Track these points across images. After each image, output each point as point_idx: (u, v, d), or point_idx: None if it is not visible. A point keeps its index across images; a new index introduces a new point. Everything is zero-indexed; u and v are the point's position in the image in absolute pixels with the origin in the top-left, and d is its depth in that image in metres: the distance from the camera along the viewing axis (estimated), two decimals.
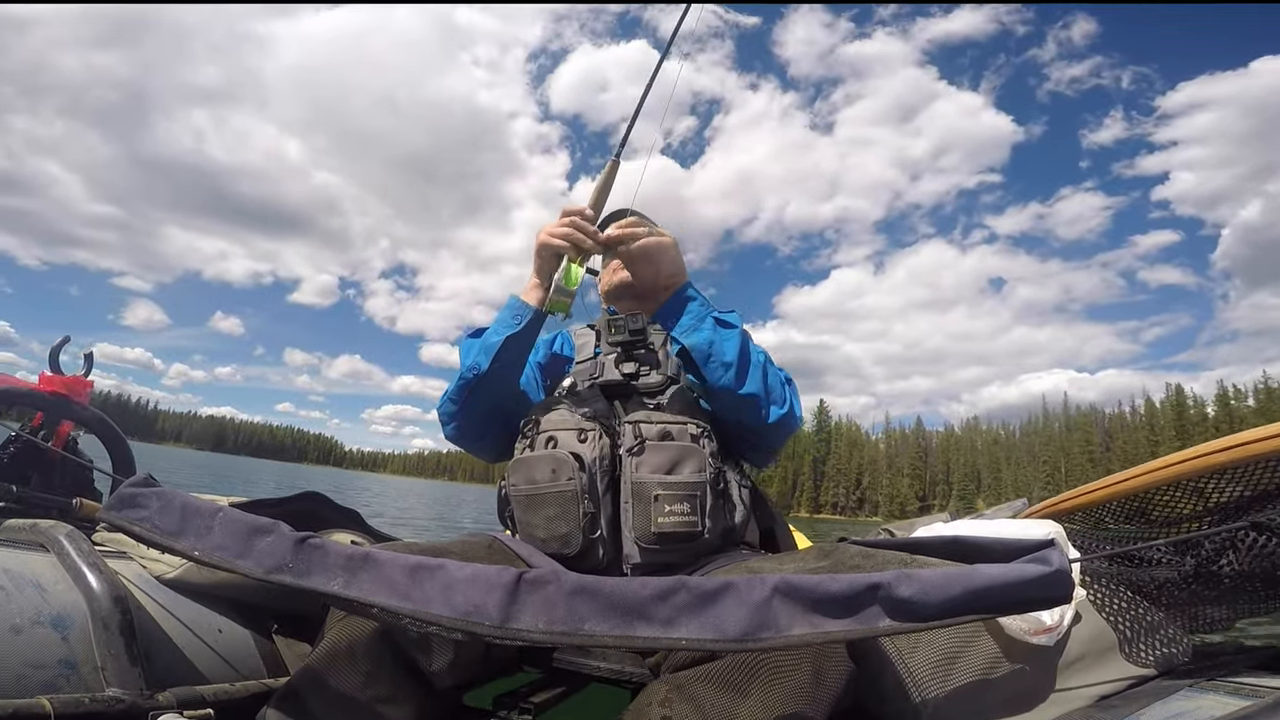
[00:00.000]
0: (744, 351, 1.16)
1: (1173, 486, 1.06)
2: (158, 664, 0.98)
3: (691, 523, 1.04)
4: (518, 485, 1.11)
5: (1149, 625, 1.00)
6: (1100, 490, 1.14)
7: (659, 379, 1.32)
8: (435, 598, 0.63)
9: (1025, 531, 1.02)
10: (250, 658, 1.13)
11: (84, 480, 1.96)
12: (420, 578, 0.64)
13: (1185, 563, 1.05)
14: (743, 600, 0.59)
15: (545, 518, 1.06)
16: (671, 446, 1.09)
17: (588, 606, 0.61)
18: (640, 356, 1.35)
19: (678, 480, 1.05)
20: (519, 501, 1.10)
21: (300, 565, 0.67)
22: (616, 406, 1.23)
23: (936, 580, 0.58)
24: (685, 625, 0.59)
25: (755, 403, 1.16)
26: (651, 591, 0.60)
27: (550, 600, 0.61)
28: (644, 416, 1.13)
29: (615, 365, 1.34)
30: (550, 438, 1.12)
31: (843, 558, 0.77)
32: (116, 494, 0.72)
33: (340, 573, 0.66)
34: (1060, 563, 0.58)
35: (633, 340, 1.33)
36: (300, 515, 1.33)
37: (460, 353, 1.28)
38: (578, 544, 1.05)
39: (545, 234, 1.18)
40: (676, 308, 1.18)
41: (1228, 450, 0.95)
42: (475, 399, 1.24)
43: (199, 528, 0.69)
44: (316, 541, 0.67)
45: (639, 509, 1.05)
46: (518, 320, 1.20)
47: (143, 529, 0.70)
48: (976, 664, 0.92)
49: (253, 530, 0.68)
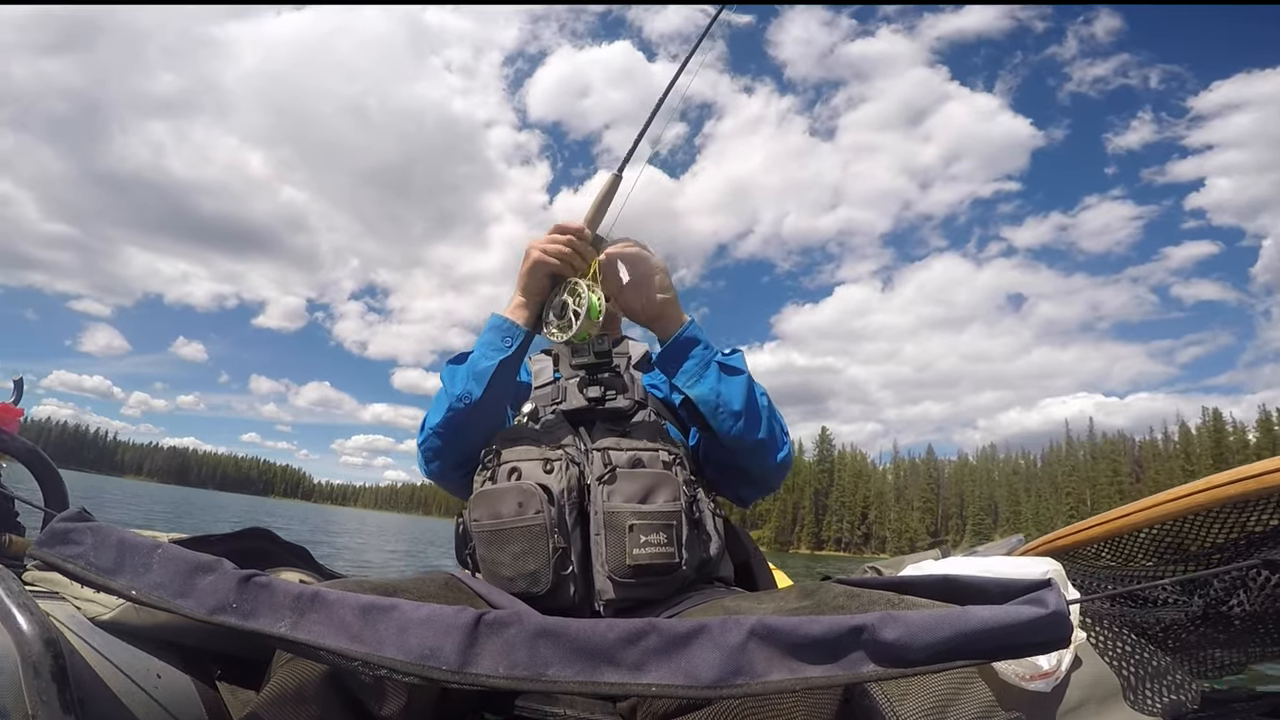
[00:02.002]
0: (750, 398, 1.16)
1: (1177, 522, 1.06)
2: (92, 712, 0.94)
3: (669, 554, 1.02)
4: (480, 520, 1.07)
5: (1154, 670, 0.98)
6: (1099, 526, 1.13)
7: (626, 403, 1.29)
8: (389, 640, 0.61)
9: (1020, 570, 1.01)
10: (191, 705, 1.09)
11: (10, 515, 1.90)
12: (373, 618, 0.62)
13: (1193, 603, 1.04)
14: (717, 643, 0.57)
15: (512, 554, 1.03)
16: (644, 474, 1.07)
17: (552, 650, 0.59)
18: (605, 380, 1.32)
19: (652, 509, 1.03)
20: (482, 537, 1.07)
21: (245, 605, 0.64)
22: (582, 433, 1.20)
23: (925, 622, 0.56)
24: (655, 670, 0.57)
25: (762, 450, 1.17)
26: (619, 634, 0.58)
27: (512, 643, 0.59)
28: (613, 443, 1.11)
29: (579, 390, 1.31)
30: (513, 469, 1.09)
31: (825, 598, 0.75)
32: (48, 529, 0.69)
33: (288, 613, 0.64)
34: (1058, 604, 0.57)
35: (598, 363, 1.29)
36: (245, 552, 1.30)
37: (444, 381, 1.24)
38: (547, 581, 1.02)
39: (538, 251, 1.17)
40: (678, 353, 1.17)
41: (1238, 483, 0.94)
42: (467, 430, 1.20)
43: (136, 565, 0.66)
44: (262, 580, 0.65)
45: (612, 540, 1.02)
46: (508, 343, 1.18)
47: (76, 567, 0.67)
48: (970, 712, 0.90)
49: (194, 568, 0.66)
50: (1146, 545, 1.12)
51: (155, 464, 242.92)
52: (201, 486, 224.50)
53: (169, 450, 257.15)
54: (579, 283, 1.17)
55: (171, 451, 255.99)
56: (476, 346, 1.22)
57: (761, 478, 1.24)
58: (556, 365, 1.44)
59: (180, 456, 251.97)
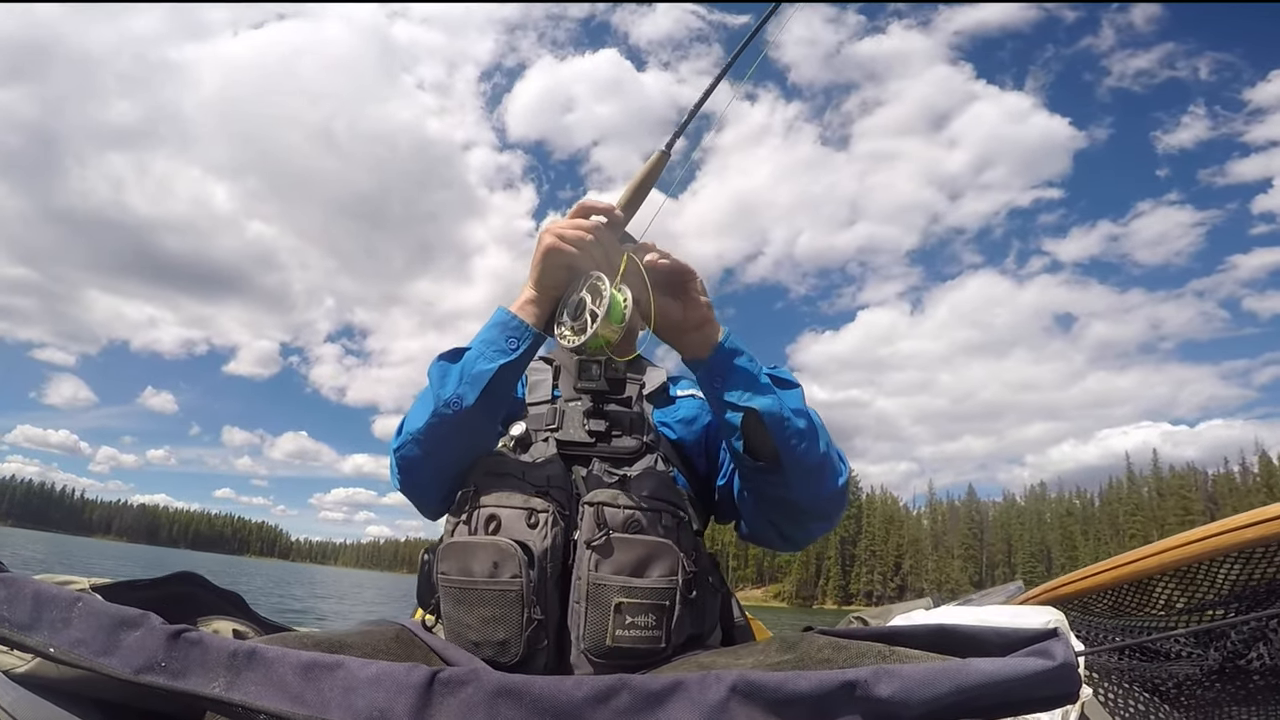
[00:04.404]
0: (809, 412, 1.08)
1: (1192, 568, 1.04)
2: None
3: (654, 638, 0.94)
4: (449, 574, 0.99)
5: None
6: (1107, 572, 1.12)
7: (634, 444, 1.15)
8: (333, 701, 0.58)
9: (1022, 620, 0.98)
10: None
11: None
12: (315, 677, 0.59)
13: (1209, 656, 1.02)
14: (695, 701, 0.55)
15: (481, 618, 0.95)
16: (640, 542, 0.97)
17: (513, 710, 0.56)
18: (613, 414, 1.18)
19: (645, 585, 0.95)
20: (449, 593, 0.99)
21: (175, 663, 0.61)
22: (575, 474, 1.09)
23: (921, 677, 0.55)
24: None
25: (822, 472, 1.07)
26: (587, 693, 0.55)
27: (469, 703, 0.56)
28: (609, 497, 1.00)
29: (583, 419, 1.17)
30: (492, 516, 0.99)
31: (809, 650, 0.72)
32: None
33: (222, 672, 0.61)
34: (1064, 656, 0.55)
35: (608, 391, 1.14)
36: (174, 599, 1.23)
37: (431, 379, 1.07)
38: (517, 653, 0.94)
39: (553, 236, 1.05)
40: (725, 364, 1.06)
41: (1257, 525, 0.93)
42: (452, 443, 1.06)
43: (54, 619, 0.63)
44: (194, 635, 0.62)
45: (594, 616, 0.94)
46: (514, 344, 1.05)
47: None
48: None
49: (118, 622, 0.63)
50: (1158, 593, 1.11)
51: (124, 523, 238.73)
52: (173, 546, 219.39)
53: (139, 508, 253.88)
54: (601, 278, 1.02)
55: (141, 509, 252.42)
56: (474, 343, 1.08)
57: (818, 510, 1.13)
58: (556, 380, 1.31)
59: (150, 514, 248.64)
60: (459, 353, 1.08)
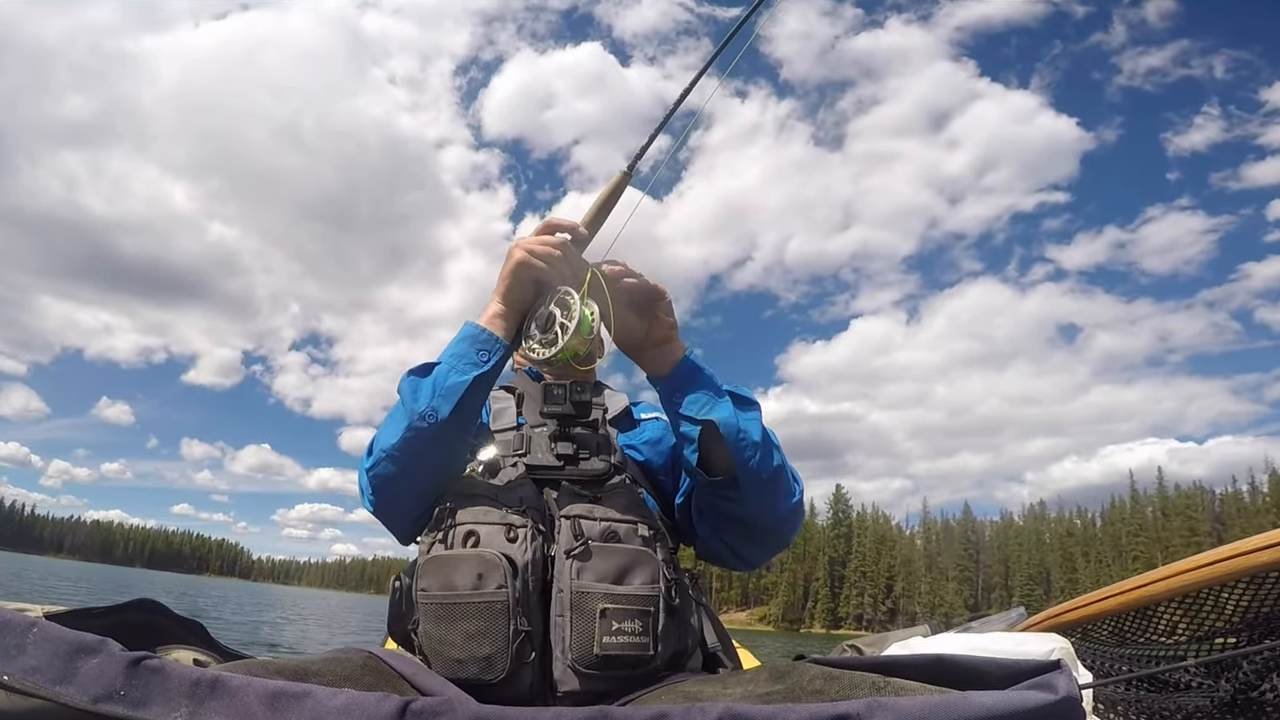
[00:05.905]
0: (765, 430, 1.13)
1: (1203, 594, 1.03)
2: None
3: (642, 644, 0.95)
4: (430, 590, 0.98)
5: None
6: (1113, 598, 1.10)
7: (602, 465, 1.18)
8: None
9: (1023, 649, 0.97)
10: None
11: None
12: (281, 707, 0.58)
13: (1220, 687, 1.01)
14: None
15: (465, 634, 0.94)
16: (620, 550, 1.00)
17: None
18: (580, 437, 1.21)
19: (628, 591, 0.97)
20: (430, 610, 0.98)
21: (135, 692, 0.60)
22: (547, 495, 1.11)
23: (919, 710, 0.54)
24: None
25: (776, 489, 1.12)
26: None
27: None
28: (584, 510, 1.04)
29: (550, 443, 1.20)
30: (470, 532, 1.01)
31: (800, 681, 0.71)
32: None
33: (184, 701, 0.60)
34: (1069, 688, 0.55)
35: (574, 414, 1.18)
36: (132, 626, 1.20)
37: (402, 395, 1.10)
38: (503, 669, 0.93)
39: (524, 251, 1.10)
40: (685, 379, 1.13)
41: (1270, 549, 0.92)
42: (427, 458, 1.09)
43: (8, 646, 0.62)
44: (155, 663, 0.61)
45: (579, 625, 0.95)
46: (485, 357, 1.08)
47: None
48: None
49: (75, 649, 0.61)
50: (1162, 619, 1.09)
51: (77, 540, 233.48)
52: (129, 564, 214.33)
53: (92, 524, 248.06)
54: (570, 292, 1.07)
55: (95, 526, 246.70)
56: (444, 357, 1.11)
57: (772, 527, 1.18)
58: (520, 408, 1.32)
59: (105, 531, 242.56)
60: (429, 367, 1.11)
